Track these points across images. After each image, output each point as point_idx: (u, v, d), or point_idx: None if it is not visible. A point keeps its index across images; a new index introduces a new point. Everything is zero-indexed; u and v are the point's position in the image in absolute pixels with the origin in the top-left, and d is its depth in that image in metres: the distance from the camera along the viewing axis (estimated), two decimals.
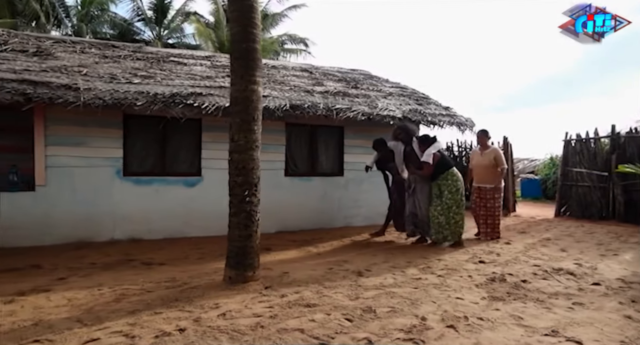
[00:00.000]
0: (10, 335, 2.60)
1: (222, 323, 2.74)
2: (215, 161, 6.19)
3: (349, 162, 7.12)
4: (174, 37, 23.14)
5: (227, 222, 5.88)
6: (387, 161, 5.90)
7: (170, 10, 22.89)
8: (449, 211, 5.20)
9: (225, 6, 20.99)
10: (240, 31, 3.56)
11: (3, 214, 5.16)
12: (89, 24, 20.97)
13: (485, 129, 6.10)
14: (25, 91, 4.73)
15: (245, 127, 3.59)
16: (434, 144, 5.32)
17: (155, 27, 22.86)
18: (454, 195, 5.20)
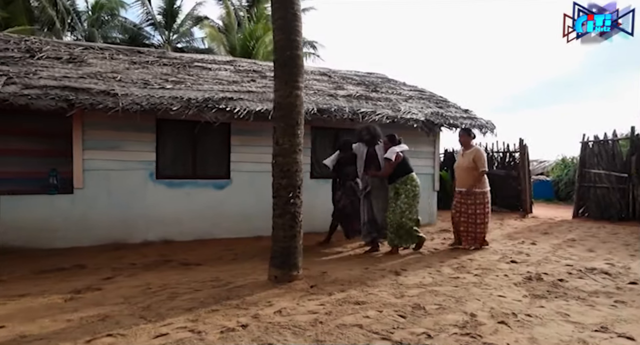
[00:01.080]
0: (82, 330, 2.73)
1: (280, 319, 2.86)
2: (244, 164, 6.35)
3: None
4: (183, 41, 23.41)
5: (254, 224, 6.05)
6: (348, 164, 5.44)
7: (180, 15, 23.16)
8: (402, 216, 4.98)
9: (237, 10, 21.28)
10: (285, 39, 3.69)
11: (44, 216, 5.32)
12: (99, 29, 21.27)
13: (468, 128, 5.80)
14: (68, 97, 4.90)
15: (289, 131, 3.72)
16: (399, 145, 5.18)
17: (165, 31, 23.13)
18: (410, 199, 5.01)
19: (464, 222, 5.35)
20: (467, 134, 5.53)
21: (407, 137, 7.37)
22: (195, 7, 22.94)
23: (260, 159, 6.45)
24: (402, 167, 5.05)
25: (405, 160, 5.14)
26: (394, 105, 7.22)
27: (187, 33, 23.59)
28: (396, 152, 5.04)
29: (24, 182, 6.58)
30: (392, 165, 5.02)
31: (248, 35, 17.70)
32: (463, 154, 5.44)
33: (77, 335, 2.65)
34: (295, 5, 3.72)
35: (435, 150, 7.71)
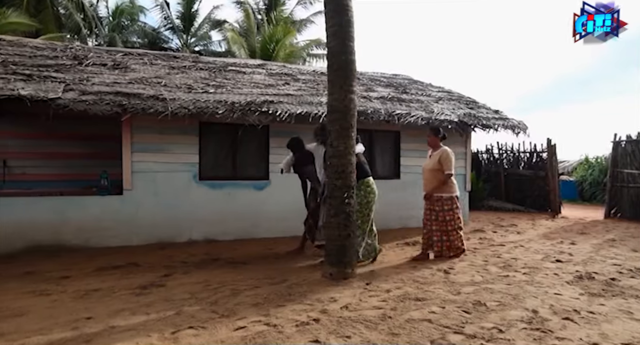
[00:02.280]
0: (163, 323, 2.90)
1: (349, 314, 2.98)
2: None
3: (405, 166, 7.33)
4: (200, 44, 23.82)
5: (291, 225, 6.17)
6: (304, 164, 4.98)
7: (197, 19, 23.56)
8: None
9: (257, 13, 21.56)
10: (339, 44, 3.83)
11: (94, 217, 5.56)
12: (119, 33, 21.77)
13: (436, 127, 5.18)
14: (121, 103, 5.12)
15: (344, 133, 3.86)
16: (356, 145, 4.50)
17: (183, 35, 23.56)
18: (362, 207, 4.40)
19: (435, 231, 4.82)
20: (435, 133, 4.95)
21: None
22: (212, 11, 23.31)
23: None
24: (359, 169, 4.35)
25: (361, 163, 4.52)
26: (426, 106, 7.30)
27: (205, 36, 24.01)
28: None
29: (76, 184, 6.90)
30: None
31: (268, 38, 17.93)
32: (430, 155, 4.99)
33: (161, 327, 2.81)
34: (349, 12, 3.85)
35: (466, 151, 7.77)
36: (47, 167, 7.51)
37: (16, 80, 5.11)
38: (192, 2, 23.18)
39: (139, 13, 23.43)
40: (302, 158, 4.99)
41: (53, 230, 5.37)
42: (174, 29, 23.37)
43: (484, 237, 6.42)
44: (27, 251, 5.23)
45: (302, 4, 22.78)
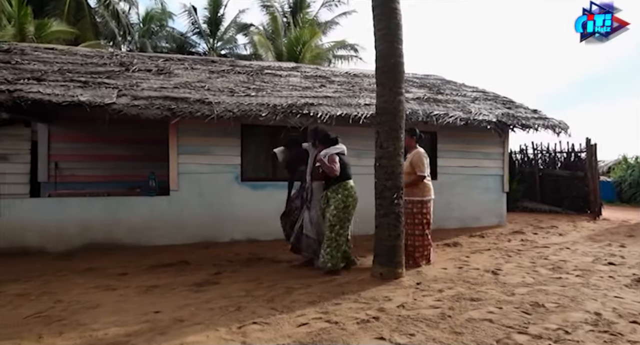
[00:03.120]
0: (227, 318, 3.02)
1: (407, 313, 3.03)
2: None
3: (442, 166, 7.29)
4: (226, 48, 24.31)
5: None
6: (299, 164, 4.86)
7: (223, 23, 24.05)
8: (332, 230, 4.20)
9: (282, 16, 21.83)
10: (389, 47, 3.88)
11: (144, 216, 5.80)
12: (149, 39, 22.47)
13: (412, 128, 4.90)
14: (170, 107, 5.33)
15: (393, 134, 3.91)
16: (335, 146, 4.44)
17: (209, 39, 24.10)
18: (339, 211, 4.20)
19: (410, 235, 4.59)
20: (410, 135, 4.75)
21: (476, 139, 7.44)
22: (238, 15, 23.75)
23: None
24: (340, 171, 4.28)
25: (343, 163, 4.36)
26: (462, 107, 7.24)
27: (231, 40, 24.49)
28: (330, 154, 4.30)
29: (121, 185, 7.22)
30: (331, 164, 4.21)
31: (294, 40, 18.11)
32: (405, 157, 4.70)
33: (226, 322, 2.94)
34: (398, 15, 3.90)
35: (504, 151, 7.65)
36: (93, 169, 7.89)
37: (75, 87, 5.40)
38: (218, 7, 23.70)
39: (168, 19, 24.16)
40: (297, 158, 4.85)
41: (106, 230, 5.65)
42: (201, 33, 23.95)
43: (525, 239, 6.32)
44: (84, 249, 5.51)
45: (326, 6, 22.93)
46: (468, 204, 7.39)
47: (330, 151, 4.36)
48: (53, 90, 5.11)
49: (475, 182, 7.47)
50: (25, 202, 5.56)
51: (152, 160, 7.50)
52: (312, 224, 4.49)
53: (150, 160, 7.48)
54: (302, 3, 22.86)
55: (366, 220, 6.67)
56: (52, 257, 5.22)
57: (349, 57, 22.39)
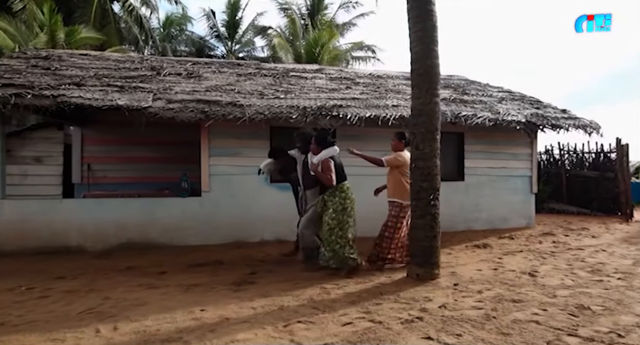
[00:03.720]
0: (271, 316, 3.09)
1: (450, 313, 3.04)
2: (348, 168, 6.61)
3: (469, 167, 7.24)
4: (244, 50, 24.60)
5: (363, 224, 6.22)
6: (289, 171, 4.88)
7: (241, 26, 24.35)
8: (331, 233, 4.19)
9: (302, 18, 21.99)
10: (424, 49, 3.90)
11: (177, 217, 5.95)
12: (169, 43, 22.91)
13: (400, 131, 4.82)
14: (204, 110, 5.46)
15: (429, 136, 3.92)
16: (328, 149, 4.32)
17: (228, 42, 24.44)
18: (338, 214, 4.18)
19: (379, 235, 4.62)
20: (399, 138, 4.69)
21: (503, 139, 7.36)
22: (255, 18, 24.02)
23: (359, 162, 6.69)
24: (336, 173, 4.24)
25: (338, 165, 4.33)
26: (490, 107, 7.18)
27: (249, 43, 24.78)
28: (322, 158, 4.22)
29: (150, 186, 7.41)
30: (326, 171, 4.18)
31: (313, 42, 18.19)
32: None
33: (271, 321, 3.01)
34: (434, 17, 3.92)
35: (532, 152, 7.55)
36: (124, 171, 8.12)
37: (112, 91, 5.59)
38: (236, 10, 24.02)
39: (187, 23, 24.61)
40: (285, 165, 4.87)
41: (141, 229, 5.81)
42: (219, 36, 24.31)
43: (557, 241, 6.22)
44: (120, 248, 5.69)
45: (344, 7, 22.98)
46: (496, 205, 7.32)
47: (322, 156, 4.24)
48: (93, 95, 5.30)
49: (503, 183, 7.39)
50: (66, 203, 5.76)
51: (180, 162, 7.69)
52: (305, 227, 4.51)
53: (178, 162, 7.67)
54: (320, 5, 22.98)
55: None
56: (91, 255, 5.41)
57: (366, 58, 22.41)
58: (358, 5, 22.82)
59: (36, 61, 6.75)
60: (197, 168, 6.17)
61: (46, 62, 6.76)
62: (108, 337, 2.71)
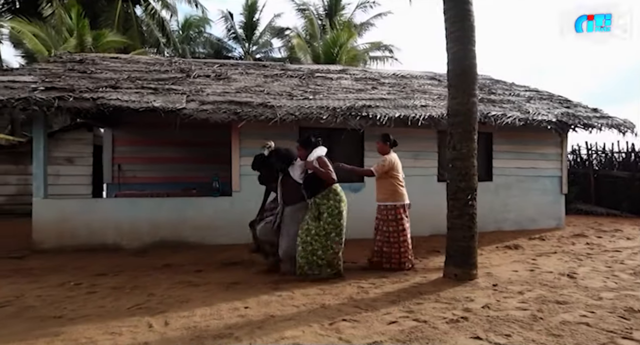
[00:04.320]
0: (315, 314, 3.13)
1: (494, 313, 3.03)
2: None
3: (497, 168, 7.16)
4: (261, 52, 24.82)
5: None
6: (270, 181, 4.76)
7: (259, 27, 24.57)
8: (327, 239, 4.02)
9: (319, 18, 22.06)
10: (462, 50, 3.90)
11: (208, 216, 6.06)
12: (187, 45, 23.27)
13: (385, 134, 4.76)
14: (236, 111, 5.55)
15: (467, 136, 3.91)
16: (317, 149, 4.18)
17: (245, 44, 24.69)
18: (334, 218, 4.03)
19: (378, 241, 4.61)
20: (384, 140, 4.66)
21: (532, 139, 7.26)
22: (273, 19, 24.20)
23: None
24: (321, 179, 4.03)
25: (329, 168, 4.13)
26: (519, 107, 7.09)
27: (267, 44, 24.98)
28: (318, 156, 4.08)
29: (177, 186, 7.57)
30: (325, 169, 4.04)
31: (331, 42, 18.21)
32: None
33: (316, 319, 3.05)
34: (471, 17, 3.91)
35: (562, 152, 7.42)
36: (152, 171, 8.31)
37: (147, 93, 5.73)
38: (253, 12, 24.25)
39: (205, 25, 24.97)
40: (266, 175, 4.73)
41: (174, 228, 5.94)
42: (237, 38, 24.59)
43: (590, 243, 6.10)
44: (154, 246, 5.83)
45: (361, 7, 22.99)
46: (525, 206, 7.22)
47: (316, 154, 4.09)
48: (130, 97, 5.44)
49: (532, 183, 7.28)
50: (103, 202, 5.93)
51: (208, 162, 7.83)
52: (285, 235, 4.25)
53: (205, 163, 7.81)
54: (337, 5, 23.02)
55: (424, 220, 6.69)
56: (127, 253, 5.56)
57: (384, 58, 22.34)
58: (375, 5, 22.81)
59: (72, 65, 6.97)
60: (221, 168, 6.27)
61: (82, 66, 6.97)
62: (161, 332, 2.80)
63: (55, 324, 2.94)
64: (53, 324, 2.94)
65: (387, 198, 4.57)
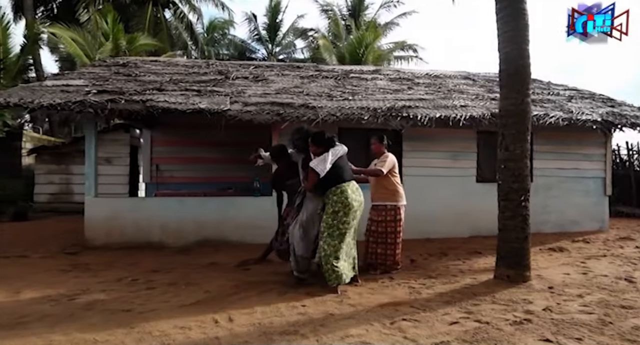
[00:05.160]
0: (373, 313, 3.16)
1: (558, 316, 3.00)
2: (413, 169, 6.62)
3: (537, 168, 7.00)
4: (284, 52, 25.03)
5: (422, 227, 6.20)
6: (287, 177, 4.35)
7: (282, 28, 24.77)
8: (321, 238, 3.77)
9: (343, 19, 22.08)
10: (516, 49, 3.85)
11: (249, 215, 6.17)
12: (212, 47, 23.67)
13: (380, 134, 4.67)
14: (279, 112, 5.63)
15: (520, 137, 3.86)
16: (332, 149, 3.82)
17: (268, 45, 24.94)
18: (328, 217, 3.73)
19: (372, 243, 4.46)
20: (380, 140, 4.57)
21: (574, 140, 7.08)
22: (296, 20, 24.35)
23: (428, 163, 6.69)
24: (330, 177, 3.73)
25: (338, 168, 3.81)
26: (560, 106, 6.93)
27: (290, 45, 25.18)
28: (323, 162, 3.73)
29: (213, 186, 7.73)
30: (313, 178, 3.73)
31: (357, 42, 18.18)
32: (375, 164, 4.60)
33: (375, 318, 3.08)
34: (526, 16, 3.86)
35: (606, 153, 7.21)
36: (189, 171, 8.51)
37: (192, 95, 5.89)
38: (276, 13, 24.48)
39: (229, 27, 25.38)
40: (285, 168, 4.38)
41: (217, 227, 6.07)
42: (260, 39, 24.88)
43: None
44: (198, 245, 5.98)
45: (385, 7, 22.89)
46: (566, 208, 7.05)
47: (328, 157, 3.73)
48: (176, 99, 5.61)
49: (574, 184, 7.11)
50: (150, 201, 6.12)
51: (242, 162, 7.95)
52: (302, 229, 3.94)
53: (240, 163, 7.93)
54: (361, 5, 22.99)
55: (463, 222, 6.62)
56: (172, 251, 5.72)
57: (408, 57, 22.17)
58: (399, 4, 22.66)
59: (117, 68, 7.22)
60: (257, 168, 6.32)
61: (125, 69, 7.21)
62: (228, 328, 2.88)
63: (127, 317, 3.07)
64: (125, 317, 3.07)
65: (388, 198, 4.46)
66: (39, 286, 3.88)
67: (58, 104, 5.09)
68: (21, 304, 3.33)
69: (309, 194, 4.01)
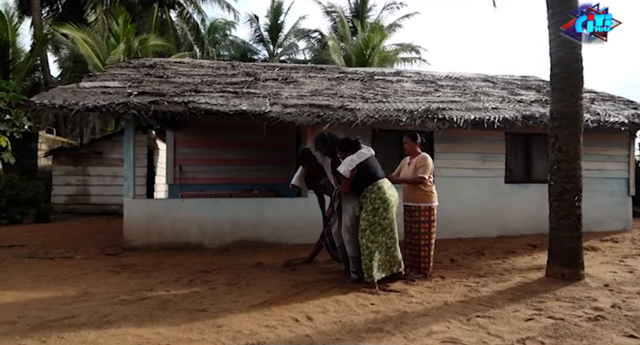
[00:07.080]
0: (444, 311, 3.23)
1: (632, 313, 3.07)
2: (444, 170, 6.71)
3: None
4: (286, 54, 25.10)
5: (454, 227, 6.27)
6: (317, 178, 4.55)
7: (283, 30, 24.86)
8: (362, 236, 3.84)
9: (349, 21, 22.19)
10: (570, 53, 3.97)
11: (284, 216, 6.21)
12: (213, 48, 23.65)
13: (413, 132, 4.59)
14: (319, 114, 5.69)
15: (574, 139, 3.97)
16: (358, 152, 3.93)
17: (270, 46, 24.99)
18: (368, 214, 3.81)
19: (408, 244, 4.40)
20: (413, 139, 4.50)
21: (597, 141, 7.23)
22: (298, 22, 24.45)
23: (458, 164, 6.79)
24: (363, 177, 3.87)
25: (365, 167, 3.90)
26: (587, 108, 7.07)
27: (292, 46, 25.26)
28: (355, 162, 3.86)
29: (236, 187, 7.76)
30: (347, 182, 3.87)
31: (363, 44, 18.29)
32: (409, 163, 4.55)
33: (450, 315, 3.15)
34: None
35: (630, 154, 7.38)
36: (211, 172, 8.53)
37: (231, 97, 5.92)
38: (278, 14, 24.57)
39: (230, 28, 25.39)
40: (314, 171, 4.48)
41: (253, 228, 6.11)
42: (262, 40, 24.93)
43: None
44: (235, 245, 6.01)
45: (388, 9, 23.10)
46: (590, 208, 7.09)
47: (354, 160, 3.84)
48: (217, 101, 5.64)
49: (598, 185, 7.25)
50: (187, 202, 6.13)
51: (266, 163, 8.02)
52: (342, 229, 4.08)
53: (263, 164, 8.01)
54: (364, 7, 23.16)
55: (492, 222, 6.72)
56: (211, 252, 5.74)
57: (411, 59, 22.36)
58: (402, 6, 22.87)
59: (145, 70, 7.22)
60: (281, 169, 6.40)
61: (154, 71, 7.21)
62: (312, 326, 2.92)
63: (206, 316, 3.09)
64: (204, 316, 3.09)
65: (423, 198, 4.35)
66: (101, 286, 3.90)
67: (102, 105, 5.10)
68: (96, 304, 3.34)
69: (345, 197, 4.08)
